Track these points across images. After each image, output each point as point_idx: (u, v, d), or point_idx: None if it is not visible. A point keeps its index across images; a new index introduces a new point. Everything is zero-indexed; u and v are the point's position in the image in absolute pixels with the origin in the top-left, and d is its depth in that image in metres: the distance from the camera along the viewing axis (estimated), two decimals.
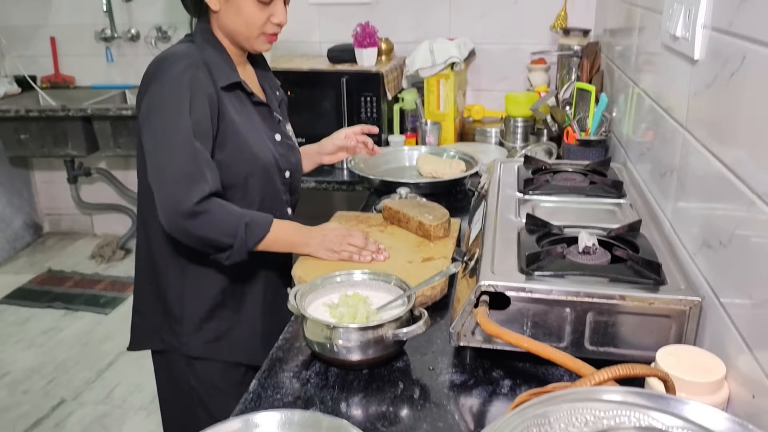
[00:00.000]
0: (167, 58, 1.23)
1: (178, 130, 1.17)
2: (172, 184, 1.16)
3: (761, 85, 0.80)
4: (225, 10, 1.26)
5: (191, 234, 1.18)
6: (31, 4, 3.33)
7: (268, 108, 1.38)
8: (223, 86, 1.25)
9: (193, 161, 1.17)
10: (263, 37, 1.30)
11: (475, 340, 0.99)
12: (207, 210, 1.17)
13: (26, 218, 3.73)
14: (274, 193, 1.36)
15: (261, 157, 1.31)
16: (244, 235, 1.20)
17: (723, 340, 0.87)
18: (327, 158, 1.60)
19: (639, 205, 1.26)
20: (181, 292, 1.33)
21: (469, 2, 2.47)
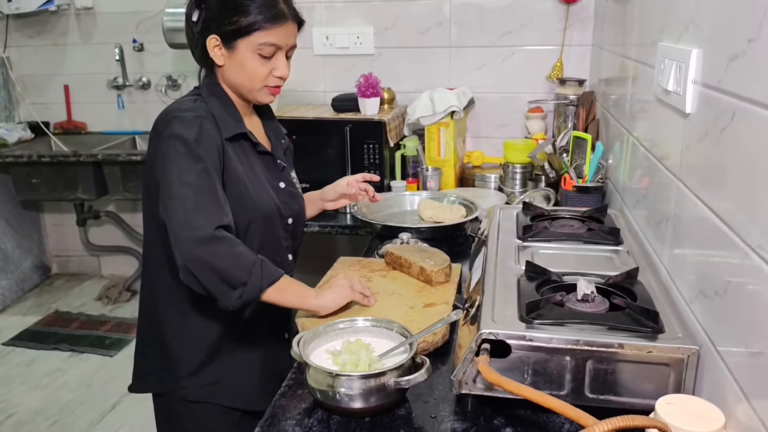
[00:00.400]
0: (176, 110, 1.27)
1: (195, 169, 1.20)
2: (191, 214, 1.16)
3: (750, 142, 0.83)
4: (229, 65, 1.31)
5: (208, 262, 1.14)
6: (47, 54, 3.44)
7: (272, 156, 1.42)
8: (228, 137, 1.29)
9: (212, 194, 1.20)
10: (266, 90, 1.34)
11: (476, 388, 1.00)
12: (225, 238, 1.17)
13: (35, 260, 3.76)
14: (274, 240, 1.39)
15: (262, 205, 1.34)
16: (260, 271, 1.18)
17: (721, 389, 0.88)
18: (329, 204, 1.64)
19: (636, 252, 1.28)
20: (180, 336, 1.34)
21: (468, 54, 2.55)
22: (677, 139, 1.14)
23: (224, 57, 1.31)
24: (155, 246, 1.34)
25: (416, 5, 2.54)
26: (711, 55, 0.99)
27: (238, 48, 1.29)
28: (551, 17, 2.43)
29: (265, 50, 1.29)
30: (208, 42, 1.30)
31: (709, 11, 1.01)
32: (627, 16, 1.71)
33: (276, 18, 1.28)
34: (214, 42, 1.30)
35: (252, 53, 1.29)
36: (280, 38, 1.29)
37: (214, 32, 1.29)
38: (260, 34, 1.27)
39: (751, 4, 0.83)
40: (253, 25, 1.26)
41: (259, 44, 1.28)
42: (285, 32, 1.30)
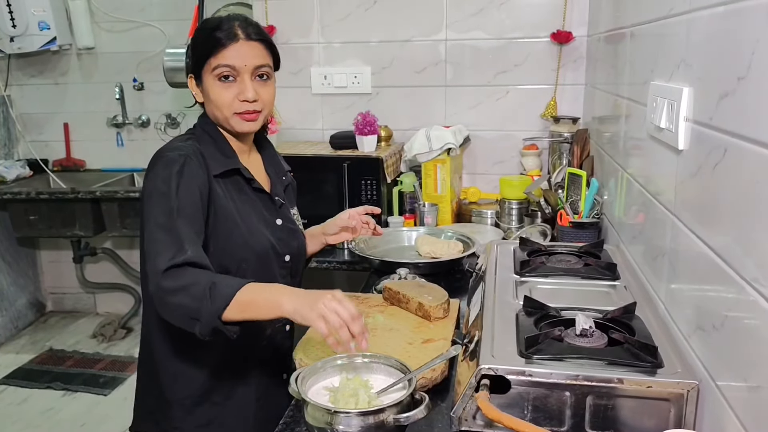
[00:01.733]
0: (164, 150, 1.29)
1: (164, 209, 1.19)
2: (153, 256, 1.15)
3: (743, 177, 0.84)
4: (205, 100, 1.34)
5: (164, 300, 1.12)
6: (48, 92, 3.49)
7: (268, 194, 1.41)
8: (217, 174, 1.29)
9: (173, 232, 1.17)
10: (236, 117, 1.31)
11: (476, 425, 1.00)
12: (178, 275, 1.12)
13: (30, 297, 3.74)
14: (270, 278, 1.35)
15: (254, 244, 1.32)
16: (209, 297, 1.09)
17: (722, 424, 0.88)
18: (331, 239, 1.62)
19: (633, 287, 1.28)
20: (173, 375, 1.33)
21: (464, 92, 2.59)
22: (671, 176, 1.16)
23: (200, 93, 1.34)
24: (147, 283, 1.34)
25: (412, 46, 2.60)
26: (702, 93, 1.02)
27: (203, 80, 1.31)
28: (544, 57, 2.49)
29: (221, 71, 1.27)
30: (189, 83, 1.36)
31: (699, 51, 1.04)
32: (618, 56, 1.76)
33: (226, 39, 1.27)
34: (192, 81, 1.35)
35: (213, 80, 1.29)
36: (232, 59, 1.27)
37: (190, 72, 1.34)
38: (213, 60, 1.27)
39: (740, 43, 0.86)
40: (206, 52, 1.28)
41: (213, 69, 1.27)
42: (238, 52, 1.27)
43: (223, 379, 1.34)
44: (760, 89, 0.79)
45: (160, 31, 3.30)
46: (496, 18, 2.50)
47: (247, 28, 1.30)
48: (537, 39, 2.48)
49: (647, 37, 1.42)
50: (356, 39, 2.64)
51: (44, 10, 3.21)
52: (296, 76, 2.70)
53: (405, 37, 2.60)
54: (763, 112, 0.78)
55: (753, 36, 0.82)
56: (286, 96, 2.71)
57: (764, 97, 0.78)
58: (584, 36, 2.43)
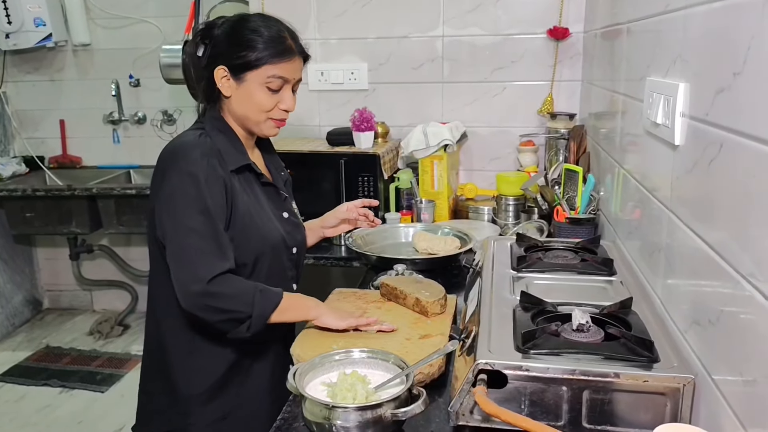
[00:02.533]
0: (181, 146, 1.29)
1: (199, 213, 1.23)
2: (193, 264, 1.21)
3: (738, 172, 0.84)
4: (236, 96, 1.34)
5: (211, 307, 1.22)
6: (44, 89, 3.48)
7: (275, 188, 1.45)
8: (233, 169, 1.32)
9: (215, 240, 1.24)
10: (271, 122, 1.37)
11: (473, 419, 1.00)
12: (223, 282, 1.22)
13: (26, 294, 3.73)
14: (281, 271, 1.41)
15: (269, 237, 1.37)
16: (261, 301, 1.24)
17: (718, 417, 0.88)
18: (329, 231, 1.66)
19: (630, 283, 1.29)
20: (188, 371, 1.35)
21: (461, 89, 2.59)
22: (667, 171, 1.16)
23: (232, 88, 1.33)
24: (162, 280, 1.34)
25: (409, 42, 2.60)
26: (698, 88, 1.02)
27: (246, 80, 1.32)
28: (541, 53, 2.49)
29: (274, 83, 1.32)
30: (216, 73, 1.32)
31: (695, 46, 1.05)
32: (615, 52, 1.76)
33: (284, 53, 1.32)
34: (222, 73, 1.32)
35: (260, 85, 1.32)
36: (288, 72, 1.33)
37: (223, 64, 1.32)
38: (269, 68, 1.31)
39: (736, 39, 0.86)
40: (262, 59, 1.30)
41: (268, 77, 1.31)
42: (292, 67, 1.34)
43: (239, 372, 1.37)
44: (755, 84, 0.80)
45: (157, 28, 3.29)
46: (493, 14, 2.50)
47: (297, 42, 1.37)
48: (534, 35, 2.48)
49: (644, 33, 1.43)
50: (353, 35, 2.64)
51: (40, 7, 3.20)
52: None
53: (402, 33, 2.60)
54: (759, 108, 0.78)
55: (748, 31, 0.82)
56: None
57: (760, 93, 0.78)
58: (581, 32, 2.43)
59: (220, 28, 1.34)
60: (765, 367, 0.75)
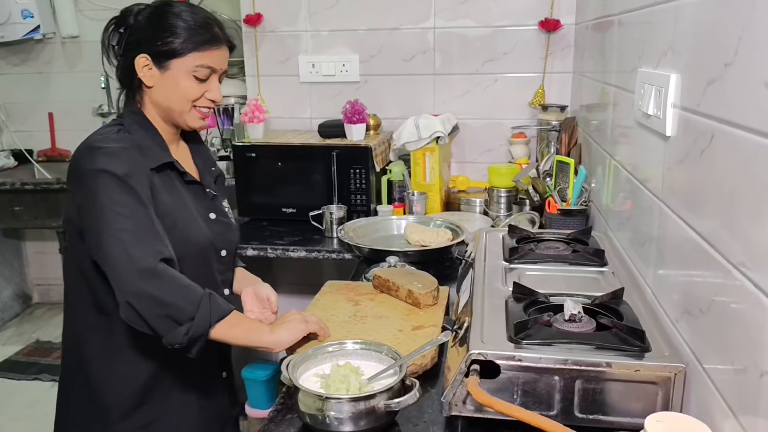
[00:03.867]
0: (100, 142, 1.19)
1: (128, 201, 1.14)
2: (129, 246, 1.10)
3: (729, 163, 0.85)
4: (159, 86, 1.26)
5: (152, 296, 1.08)
6: (32, 82, 3.44)
7: (200, 186, 1.35)
8: (154, 167, 1.23)
9: (150, 224, 1.15)
10: (195, 112, 1.29)
11: (466, 410, 1.00)
12: (167, 270, 1.11)
13: (16, 288, 3.71)
14: (208, 274, 1.31)
15: (194, 239, 1.27)
16: (208, 305, 1.12)
17: (708, 406, 0.89)
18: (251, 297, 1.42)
19: (621, 273, 1.30)
20: (110, 379, 1.26)
21: (452, 81, 2.59)
22: (659, 162, 1.17)
23: (155, 77, 1.25)
24: (78, 288, 1.26)
25: (401, 34, 2.59)
26: (689, 79, 1.03)
27: (171, 68, 1.24)
28: (532, 45, 2.49)
29: (201, 72, 1.25)
30: (136, 62, 1.24)
31: (686, 37, 1.05)
32: (606, 43, 1.76)
33: (212, 41, 1.25)
34: (144, 61, 1.24)
35: (186, 75, 1.25)
36: (215, 61, 1.27)
37: (144, 52, 1.24)
38: (196, 56, 1.24)
39: (727, 29, 0.86)
40: (189, 46, 1.23)
41: (196, 66, 1.24)
42: (220, 55, 1.28)
43: (163, 380, 1.28)
44: (746, 75, 0.80)
45: None
46: (484, 6, 2.50)
47: (224, 31, 1.30)
48: (525, 27, 2.48)
49: (635, 24, 1.43)
50: (344, 27, 2.62)
51: None
52: (284, 65, 2.68)
53: (393, 25, 2.59)
54: (750, 98, 0.79)
55: (740, 22, 0.82)
56: (274, 84, 2.70)
57: (751, 83, 0.78)
58: (572, 24, 2.43)
59: (141, 14, 1.27)
60: (755, 356, 0.75)
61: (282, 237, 2.21)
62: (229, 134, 2.92)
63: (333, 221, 2.17)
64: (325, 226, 2.20)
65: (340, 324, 1.35)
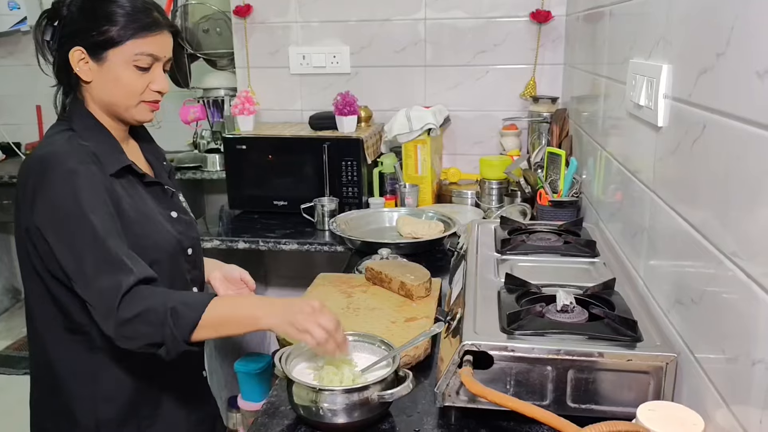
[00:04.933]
0: (54, 156, 1.11)
1: (82, 230, 1.07)
2: (98, 290, 1.05)
3: (721, 153, 0.85)
4: (98, 80, 1.16)
5: (127, 338, 1.05)
6: (19, 74, 3.40)
7: (160, 186, 1.29)
8: (112, 173, 1.16)
9: (107, 258, 1.06)
10: (144, 105, 1.20)
11: (460, 400, 1.01)
12: (131, 303, 1.05)
13: (5, 283, 3.67)
14: (178, 275, 1.26)
15: (163, 242, 1.21)
16: (172, 325, 1.04)
17: (700, 394, 0.90)
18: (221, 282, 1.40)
19: (612, 264, 1.30)
20: (93, 399, 1.19)
21: (443, 73, 2.58)
22: (650, 153, 1.17)
23: (92, 71, 1.16)
24: (44, 308, 1.18)
25: (392, 25, 2.58)
26: (681, 69, 1.03)
27: (108, 60, 1.15)
28: (524, 37, 2.48)
29: (142, 61, 1.16)
30: (71, 55, 1.15)
31: (678, 28, 1.05)
32: (597, 34, 1.76)
33: (152, 26, 1.16)
34: (79, 55, 1.15)
35: (126, 65, 1.15)
36: (157, 48, 1.17)
37: (79, 44, 1.14)
38: (135, 43, 1.14)
39: (719, 19, 0.86)
40: (126, 34, 1.14)
41: (136, 54, 1.15)
42: (161, 42, 1.18)
43: (149, 390, 1.23)
44: (738, 65, 0.80)
45: None
46: None
47: (164, 15, 1.21)
48: (516, 18, 2.47)
49: (626, 15, 1.43)
50: (335, 18, 2.61)
51: None
52: (274, 56, 2.66)
53: (384, 16, 2.57)
54: (742, 88, 0.79)
55: (732, 11, 0.82)
56: (264, 76, 2.68)
57: (743, 73, 0.78)
58: (563, 15, 2.43)
59: (73, 3, 1.16)
60: (747, 345, 0.76)
61: (273, 230, 2.20)
62: (219, 127, 2.90)
63: (325, 214, 2.17)
64: (316, 218, 2.20)
65: None
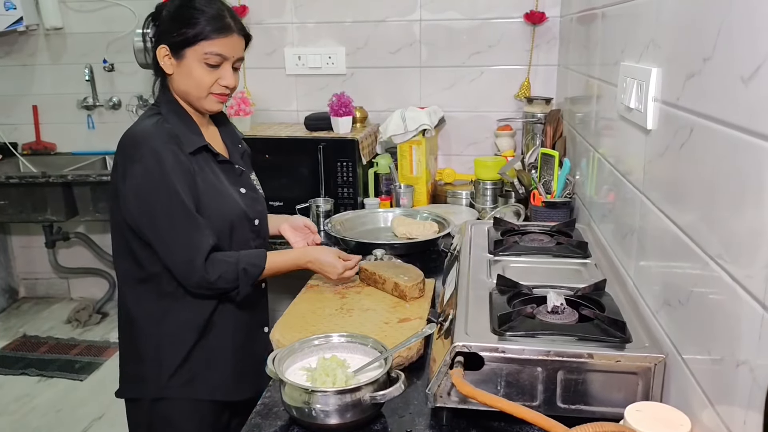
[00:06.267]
0: (142, 135, 1.33)
1: (170, 199, 1.29)
2: (182, 251, 1.30)
3: (707, 156, 0.86)
4: (177, 73, 1.38)
5: (206, 288, 1.34)
6: (15, 74, 3.40)
7: (231, 164, 1.49)
8: (191, 152, 1.36)
9: (193, 221, 1.31)
10: (212, 97, 1.40)
11: (451, 401, 1.02)
12: (213, 267, 1.32)
13: (2, 283, 3.67)
14: (243, 242, 1.46)
15: (231, 212, 1.41)
16: (244, 277, 1.36)
17: (687, 395, 0.91)
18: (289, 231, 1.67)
19: (603, 265, 1.31)
20: (157, 340, 1.39)
21: (438, 73, 2.59)
22: (640, 155, 1.18)
23: (173, 66, 1.37)
24: (122, 258, 1.41)
25: (387, 26, 2.59)
26: (670, 73, 1.04)
27: (185, 57, 1.35)
28: (518, 38, 2.49)
29: (211, 59, 1.35)
30: (158, 52, 1.37)
31: (667, 32, 1.06)
32: (590, 36, 1.77)
33: (222, 29, 1.35)
34: (164, 51, 1.37)
35: (198, 62, 1.35)
36: (226, 49, 1.36)
37: (164, 42, 1.37)
38: (206, 44, 1.34)
39: (706, 24, 0.87)
40: (200, 35, 1.34)
41: (205, 53, 1.35)
42: (230, 43, 1.37)
43: (205, 338, 1.41)
44: (724, 70, 0.81)
45: (130, 11, 3.23)
46: None
47: (237, 21, 1.40)
48: (510, 19, 2.49)
49: (618, 17, 1.44)
50: (330, 19, 2.62)
51: None
52: (270, 57, 2.67)
53: (379, 17, 2.58)
54: (728, 92, 0.80)
55: (718, 17, 0.83)
56: (260, 77, 2.69)
57: (729, 78, 0.79)
58: (557, 17, 2.44)
59: (166, 8, 1.39)
60: (732, 346, 0.77)
61: None
62: None
63: (320, 214, 2.18)
64: (312, 219, 2.20)
65: (327, 317, 1.36)
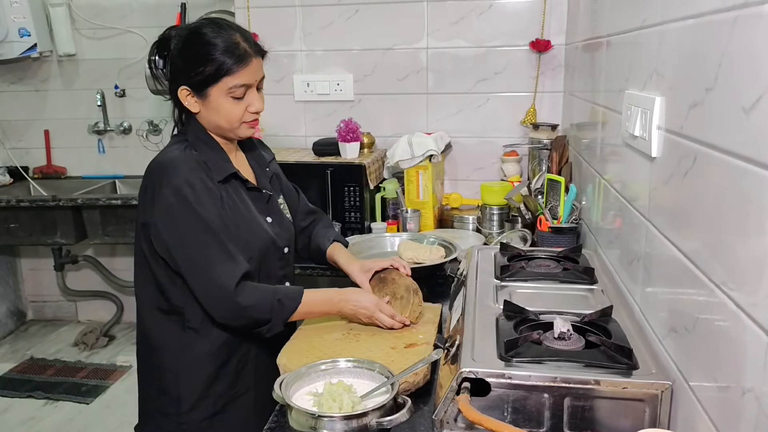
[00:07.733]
0: (170, 162, 1.32)
1: (201, 225, 1.28)
2: (211, 275, 1.28)
3: (710, 184, 0.87)
4: (204, 111, 1.37)
5: (239, 317, 1.30)
6: (28, 99, 3.46)
7: (259, 191, 1.48)
8: (221, 180, 1.36)
9: (223, 248, 1.29)
10: (244, 126, 1.40)
11: (457, 427, 1.01)
12: (244, 292, 1.29)
13: (10, 305, 3.69)
14: (272, 271, 1.45)
15: (259, 241, 1.40)
16: (280, 310, 1.32)
17: (694, 423, 0.90)
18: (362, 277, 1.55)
19: (610, 291, 1.31)
20: (177, 373, 1.37)
21: (445, 100, 2.62)
22: (645, 182, 1.19)
23: (198, 104, 1.36)
24: (146, 286, 1.39)
25: (394, 54, 2.63)
26: (673, 102, 1.05)
27: (210, 95, 1.33)
28: (524, 65, 2.53)
29: (237, 92, 1.34)
30: (179, 93, 1.35)
31: (670, 61, 1.08)
32: (595, 64, 1.79)
33: (241, 60, 1.32)
34: (186, 92, 1.35)
35: (224, 97, 1.33)
36: (248, 77, 1.34)
37: (184, 83, 1.34)
38: (229, 79, 1.32)
39: (708, 55, 0.89)
40: (220, 71, 1.31)
41: (230, 88, 1.32)
42: (252, 70, 1.34)
43: (227, 370, 1.39)
44: (726, 100, 0.83)
45: (142, 38, 3.30)
46: (476, 27, 2.54)
47: (251, 43, 1.36)
48: (516, 47, 2.52)
49: (622, 46, 1.46)
50: (338, 47, 2.66)
51: (24, 17, 3.19)
52: (279, 84, 2.71)
53: (387, 45, 2.62)
54: (730, 122, 0.81)
55: (719, 49, 0.85)
56: (269, 103, 2.69)
57: (730, 108, 0.81)
58: (562, 44, 2.47)
59: (173, 42, 1.36)
60: (737, 374, 0.77)
61: None
62: None
63: None
64: None
65: (333, 342, 1.36)
